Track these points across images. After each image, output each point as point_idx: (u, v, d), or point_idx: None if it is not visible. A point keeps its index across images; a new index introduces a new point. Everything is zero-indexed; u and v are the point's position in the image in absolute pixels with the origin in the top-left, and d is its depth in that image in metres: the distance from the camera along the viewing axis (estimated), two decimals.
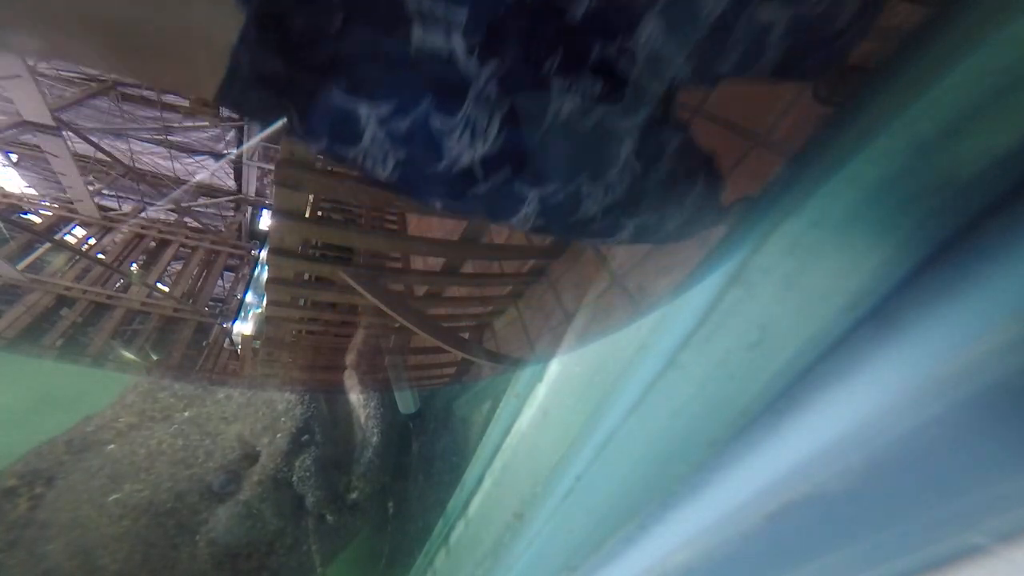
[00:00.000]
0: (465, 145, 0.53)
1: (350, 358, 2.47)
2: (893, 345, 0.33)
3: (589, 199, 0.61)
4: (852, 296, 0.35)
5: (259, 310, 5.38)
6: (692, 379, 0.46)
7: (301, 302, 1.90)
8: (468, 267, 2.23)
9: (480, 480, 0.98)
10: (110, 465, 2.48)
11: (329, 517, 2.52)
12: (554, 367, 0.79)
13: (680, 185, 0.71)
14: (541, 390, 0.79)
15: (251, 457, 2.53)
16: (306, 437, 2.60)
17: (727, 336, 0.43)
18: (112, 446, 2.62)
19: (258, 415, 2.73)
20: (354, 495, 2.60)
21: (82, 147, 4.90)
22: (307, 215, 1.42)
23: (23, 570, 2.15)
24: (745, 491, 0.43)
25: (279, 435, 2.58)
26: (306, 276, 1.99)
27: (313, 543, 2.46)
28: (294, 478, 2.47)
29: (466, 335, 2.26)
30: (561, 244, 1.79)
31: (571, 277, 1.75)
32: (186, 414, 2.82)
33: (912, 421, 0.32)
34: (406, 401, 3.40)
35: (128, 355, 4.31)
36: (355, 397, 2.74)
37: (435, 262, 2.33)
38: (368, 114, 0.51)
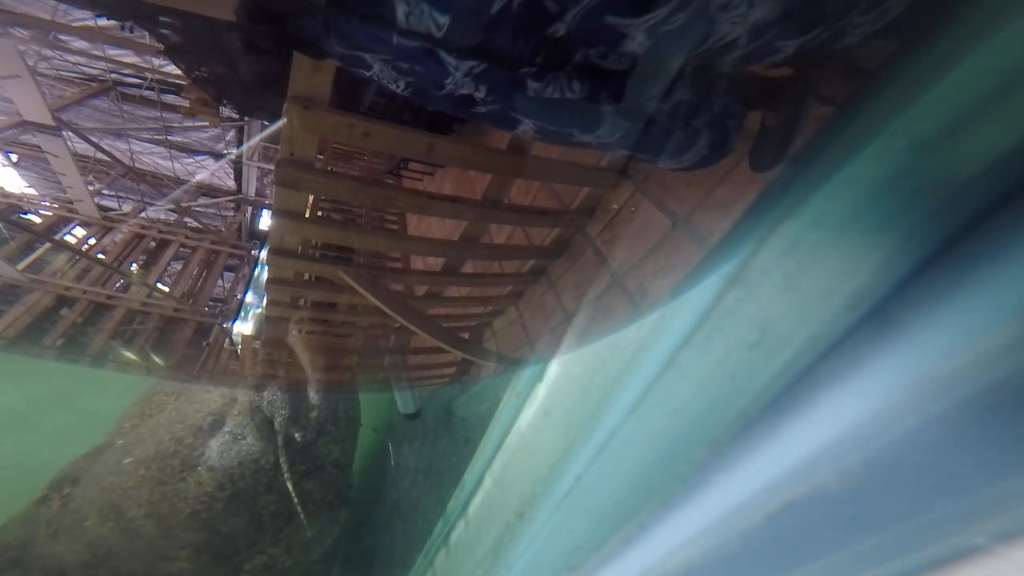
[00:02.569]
0: (459, 88, 0.62)
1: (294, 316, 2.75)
2: (893, 345, 0.33)
3: (583, 136, 0.70)
4: (852, 296, 0.35)
5: (259, 310, 5.38)
6: (692, 379, 0.46)
7: (301, 302, 1.90)
8: (468, 267, 2.23)
9: (480, 480, 0.98)
10: (122, 450, 3.13)
11: (296, 435, 3.11)
12: (554, 367, 0.79)
13: (679, 142, 0.77)
14: (541, 390, 0.79)
15: (232, 402, 3.19)
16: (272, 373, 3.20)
17: (727, 336, 0.43)
18: (121, 441, 3.26)
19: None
20: (314, 413, 3.23)
21: (82, 147, 4.89)
22: (307, 215, 1.42)
23: (69, 547, 2.70)
24: (745, 491, 0.43)
25: (249, 378, 3.25)
26: (306, 276, 1.98)
27: (280, 455, 3.03)
28: (264, 404, 3.16)
29: (466, 335, 2.26)
30: (561, 244, 1.79)
31: (571, 277, 1.75)
32: (177, 401, 3.48)
33: (912, 421, 0.32)
34: (406, 401, 3.41)
35: (128, 355, 4.31)
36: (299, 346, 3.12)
37: (435, 262, 2.33)
38: (371, 57, 0.61)
